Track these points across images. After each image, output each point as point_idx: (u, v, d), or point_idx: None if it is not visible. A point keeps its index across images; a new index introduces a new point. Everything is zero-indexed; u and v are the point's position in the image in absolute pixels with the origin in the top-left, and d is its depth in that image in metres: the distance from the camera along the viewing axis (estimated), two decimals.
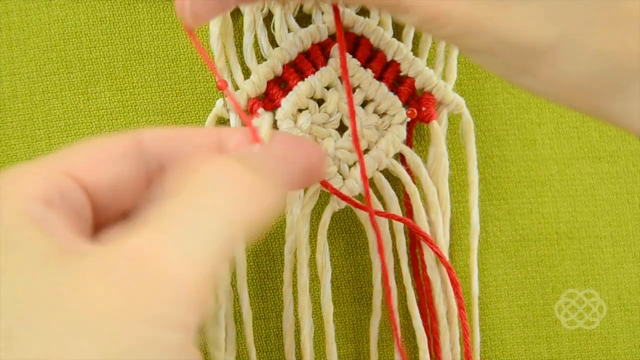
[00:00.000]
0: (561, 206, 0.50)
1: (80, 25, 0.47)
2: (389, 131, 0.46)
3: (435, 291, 0.46)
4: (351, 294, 0.48)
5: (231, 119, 0.46)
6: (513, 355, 0.49)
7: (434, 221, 0.46)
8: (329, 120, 0.46)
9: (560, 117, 0.50)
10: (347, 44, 0.46)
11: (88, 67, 0.47)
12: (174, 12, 0.47)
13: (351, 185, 0.45)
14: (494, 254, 0.49)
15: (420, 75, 0.46)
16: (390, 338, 0.47)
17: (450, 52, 0.47)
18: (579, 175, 0.50)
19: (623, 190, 0.50)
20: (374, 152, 0.45)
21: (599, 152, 0.50)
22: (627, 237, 0.50)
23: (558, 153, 0.50)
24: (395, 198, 0.46)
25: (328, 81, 0.46)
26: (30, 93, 0.47)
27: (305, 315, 0.45)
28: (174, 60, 0.47)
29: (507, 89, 0.49)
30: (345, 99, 0.46)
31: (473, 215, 0.47)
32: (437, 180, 0.46)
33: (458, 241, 0.48)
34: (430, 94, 0.46)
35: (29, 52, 0.47)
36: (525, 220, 0.49)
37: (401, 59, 0.46)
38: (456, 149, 0.48)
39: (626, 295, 0.50)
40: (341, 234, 0.48)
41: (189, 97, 0.47)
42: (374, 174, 0.46)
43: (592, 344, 0.50)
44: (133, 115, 0.47)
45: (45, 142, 0.47)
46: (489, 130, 0.49)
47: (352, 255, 0.48)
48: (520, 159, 0.49)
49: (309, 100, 0.46)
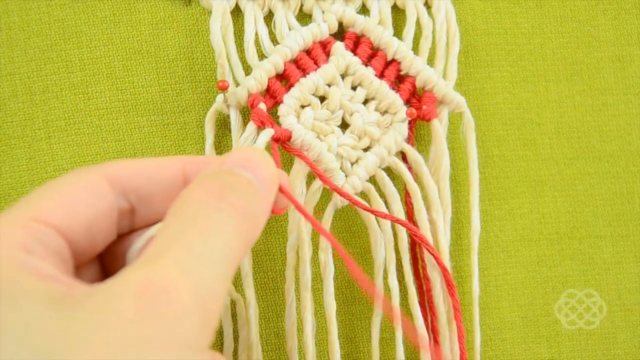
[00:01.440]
0: (561, 206, 0.50)
1: (80, 25, 0.47)
2: (391, 129, 0.46)
3: (435, 290, 0.46)
4: (351, 292, 0.48)
5: (231, 115, 0.46)
6: (513, 354, 0.49)
7: (435, 220, 0.46)
8: (331, 117, 0.46)
9: (561, 117, 0.50)
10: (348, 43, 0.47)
11: (88, 67, 0.47)
12: (174, 12, 0.47)
13: (354, 182, 0.45)
14: (495, 254, 0.49)
15: (420, 74, 0.46)
16: (391, 337, 0.47)
17: (451, 50, 0.47)
18: (579, 175, 0.50)
19: (623, 190, 0.50)
20: (376, 149, 0.45)
21: (599, 152, 0.50)
22: (627, 237, 0.50)
23: (558, 153, 0.50)
24: (397, 196, 0.46)
25: (330, 78, 0.46)
26: (30, 93, 0.47)
27: (307, 313, 0.45)
28: (174, 60, 0.47)
29: (508, 89, 0.49)
30: (346, 96, 0.46)
31: (474, 215, 0.47)
32: (438, 179, 0.46)
33: (458, 241, 0.48)
34: (431, 92, 0.46)
35: (29, 51, 0.47)
36: (525, 220, 0.49)
37: (401, 57, 0.46)
38: (456, 148, 0.48)
39: (626, 295, 0.50)
40: (342, 233, 0.48)
41: (189, 97, 0.47)
42: (377, 172, 0.46)
43: (592, 344, 0.50)
44: (133, 115, 0.47)
45: (45, 142, 0.47)
46: (489, 130, 0.49)
47: (355, 253, 0.48)
48: (520, 158, 0.49)
49: (312, 97, 0.46)
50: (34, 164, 0.46)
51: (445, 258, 0.46)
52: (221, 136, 0.47)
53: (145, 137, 0.47)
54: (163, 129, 0.47)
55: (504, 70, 0.50)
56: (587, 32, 0.51)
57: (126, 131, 0.47)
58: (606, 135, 0.50)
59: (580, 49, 0.50)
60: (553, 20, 0.50)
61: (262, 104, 0.45)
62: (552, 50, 0.50)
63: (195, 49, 0.47)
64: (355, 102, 0.46)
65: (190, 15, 0.47)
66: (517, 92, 0.50)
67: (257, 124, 0.45)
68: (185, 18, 0.47)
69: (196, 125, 0.47)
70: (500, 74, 0.49)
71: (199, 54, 0.47)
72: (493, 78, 0.49)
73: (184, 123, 0.47)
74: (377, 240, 0.45)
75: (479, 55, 0.49)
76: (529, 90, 0.50)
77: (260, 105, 0.45)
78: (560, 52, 0.50)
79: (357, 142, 0.46)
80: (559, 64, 0.50)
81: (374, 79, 0.46)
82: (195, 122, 0.47)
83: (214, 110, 0.46)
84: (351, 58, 0.46)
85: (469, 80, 0.49)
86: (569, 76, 0.50)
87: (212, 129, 0.46)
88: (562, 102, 0.50)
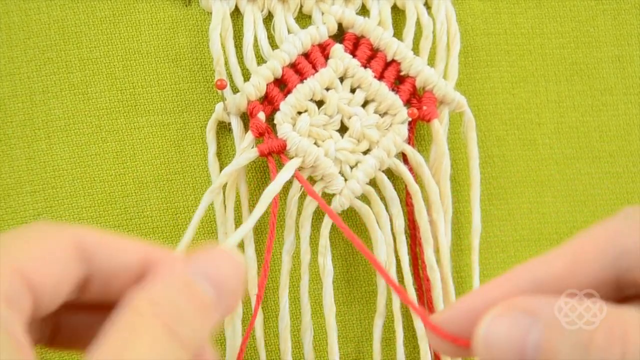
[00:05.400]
0: (561, 206, 0.50)
1: (80, 25, 0.47)
2: (391, 130, 0.46)
3: (435, 291, 0.46)
4: (350, 294, 0.48)
5: (232, 122, 0.46)
6: None
7: (435, 220, 0.46)
8: (329, 122, 0.46)
9: (560, 117, 0.50)
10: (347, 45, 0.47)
11: (88, 67, 0.47)
12: (174, 12, 0.47)
13: (353, 186, 0.45)
14: (494, 254, 0.49)
15: (420, 74, 0.46)
16: (393, 338, 0.47)
17: (451, 50, 0.47)
18: (579, 175, 0.50)
19: (623, 190, 0.50)
20: (375, 152, 0.45)
21: (598, 152, 0.50)
22: None
23: (558, 153, 0.50)
24: (396, 199, 0.46)
25: (327, 82, 0.46)
26: (30, 93, 0.47)
27: (306, 317, 0.45)
28: (174, 60, 0.47)
29: (507, 89, 0.49)
30: (344, 100, 0.46)
31: (474, 215, 0.47)
32: (439, 179, 0.46)
33: (458, 241, 0.48)
34: (431, 92, 0.46)
35: (29, 51, 0.47)
36: (525, 220, 0.49)
37: (401, 58, 0.46)
38: (456, 148, 0.48)
39: None
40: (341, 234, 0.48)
41: (189, 97, 0.47)
42: (377, 174, 0.46)
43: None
44: (133, 115, 0.47)
45: (45, 142, 0.47)
46: (489, 130, 0.49)
47: (352, 255, 0.48)
48: (520, 159, 0.49)
49: (308, 103, 0.46)
50: (33, 164, 0.46)
51: (445, 258, 0.46)
52: (223, 141, 0.47)
53: (145, 137, 0.47)
54: (163, 129, 0.47)
55: (504, 70, 0.50)
56: (587, 32, 0.51)
57: (126, 131, 0.47)
58: (606, 135, 0.50)
59: (580, 49, 0.50)
60: (553, 20, 0.50)
61: (261, 112, 0.45)
62: (552, 50, 0.50)
63: (195, 49, 0.47)
64: (354, 104, 0.46)
65: (190, 16, 0.47)
66: (517, 92, 0.50)
67: (255, 135, 0.45)
68: (185, 18, 0.47)
69: (196, 125, 0.47)
70: (499, 74, 0.49)
71: (198, 54, 0.47)
72: (493, 78, 0.49)
73: (184, 123, 0.47)
74: (377, 240, 0.45)
75: (478, 56, 0.49)
76: (529, 90, 0.50)
77: (259, 115, 0.45)
78: (559, 52, 0.50)
79: (355, 146, 0.46)
80: (558, 64, 0.50)
81: (373, 80, 0.46)
82: (195, 122, 0.47)
83: (214, 119, 0.46)
84: (350, 60, 0.46)
85: (468, 81, 0.49)
86: (568, 76, 0.50)
87: (213, 138, 0.46)
88: (561, 102, 0.50)
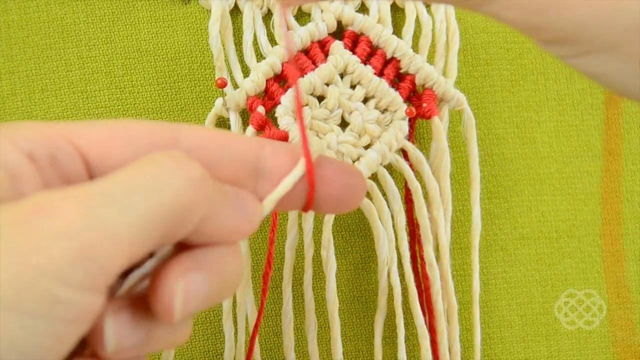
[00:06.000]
0: (560, 204, 0.50)
1: (79, 24, 0.47)
2: (391, 126, 0.46)
3: (434, 288, 0.46)
4: (351, 291, 0.48)
5: (231, 118, 0.46)
6: (512, 353, 0.49)
7: (435, 218, 0.46)
8: (330, 116, 0.46)
9: (560, 115, 0.50)
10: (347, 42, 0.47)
11: (87, 66, 0.47)
12: (173, 10, 0.47)
13: None
14: (493, 252, 0.49)
15: (420, 71, 0.46)
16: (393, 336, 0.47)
17: (451, 48, 0.47)
18: (578, 174, 0.50)
19: (623, 189, 0.50)
20: (377, 146, 0.45)
21: (598, 150, 0.50)
22: (627, 235, 0.50)
23: (557, 151, 0.50)
24: (398, 195, 0.46)
25: (327, 78, 0.46)
26: (29, 91, 0.47)
27: (309, 312, 0.45)
28: (173, 58, 0.47)
29: (506, 87, 0.50)
30: (345, 94, 0.46)
31: (474, 213, 0.47)
32: (439, 176, 0.46)
33: (458, 239, 0.48)
34: (431, 90, 0.46)
35: (28, 50, 0.47)
36: (524, 218, 0.49)
37: (401, 55, 0.46)
38: (456, 146, 0.48)
39: (626, 295, 0.50)
40: (342, 232, 0.48)
41: (188, 96, 0.47)
42: (378, 169, 0.46)
43: (592, 344, 0.50)
44: (132, 113, 0.47)
45: None
46: (488, 128, 0.49)
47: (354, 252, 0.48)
48: (519, 157, 0.49)
49: (309, 97, 0.46)
50: None
51: (445, 256, 0.46)
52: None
53: None
54: None
55: (503, 68, 0.50)
56: None
57: None
58: (605, 133, 0.50)
59: None
60: None
61: (261, 107, 0.45)
62: None
63: (195, 47, 0.47)
64: (354, 100, 0.46)
65: (189, 14, 0.47)
66: (517, 90, 0.50)
67: (256, 127, 0.45)
68: (184, 16, 0.47)
69: (195, 123, 0.47)
70: (499, 72, 0.50)
71: (198, 53, 0.47)
72: (492, 76, 0.49)
73: (183, 121, 0.47)
74: (380, 237, 0.45)
75: (477, 54, 0.49)
76: (528, 88, 0.50)
77: (258, 109, 0.45)
78: None
79: (357, 140, 0.46)
80: (558, 62, 0.50)
81: (373, 77, 0.46)
82: (194, 121, 0.47)
83: (213, 114, 0.46)
84: (350, 57, 0.46)
85: (468, 79, 0.49)
86: (568, 74, 0.50)
87: None
88: (561, 101, 0.50)
